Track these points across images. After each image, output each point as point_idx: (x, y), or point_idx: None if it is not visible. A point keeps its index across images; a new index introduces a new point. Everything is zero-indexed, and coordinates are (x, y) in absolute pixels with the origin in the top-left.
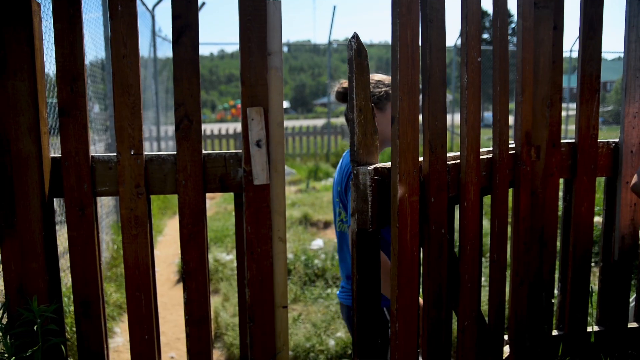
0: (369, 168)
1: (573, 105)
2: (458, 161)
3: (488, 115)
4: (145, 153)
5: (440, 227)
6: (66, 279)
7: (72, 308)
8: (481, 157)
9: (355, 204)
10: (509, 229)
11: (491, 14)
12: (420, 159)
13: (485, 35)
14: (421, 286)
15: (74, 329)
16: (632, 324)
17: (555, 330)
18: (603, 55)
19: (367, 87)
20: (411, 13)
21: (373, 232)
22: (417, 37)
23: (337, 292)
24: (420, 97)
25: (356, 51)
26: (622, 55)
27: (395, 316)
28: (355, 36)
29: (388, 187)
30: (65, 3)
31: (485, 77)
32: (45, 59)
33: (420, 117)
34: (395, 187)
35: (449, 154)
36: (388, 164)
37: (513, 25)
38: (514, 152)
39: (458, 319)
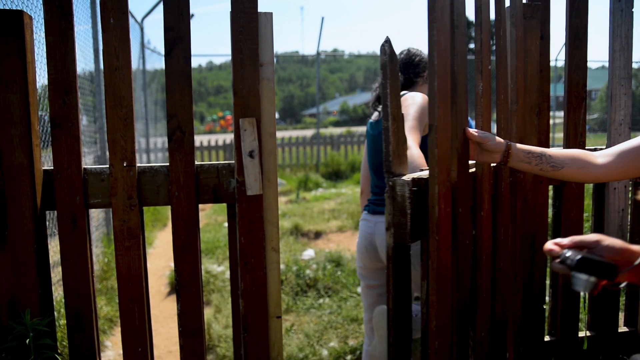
0: (406, 179)
1: (559, 114)
2: (473, 170)
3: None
4: (138, 165)
5: (465, 238)
6: (55, 292)
7: (62, 322)
8: None
9: (392, 217)
10: None
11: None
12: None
13: (471, 45)
14: None
15: (64, 343)
16: (623, 329)
17: (547, 336)
18: (588, 64)
19: (399, 95)
20: (444, 18)
21: (408, 246)
22: (449, 43)
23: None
24: None
25: (389, 56)
26: (605, 64)
27: (434, 333)
28: (388, 40)
29: (424, 198)
30: (57, 16)
31: (471, 86)
32: (36, 72)
33: None
34: (433, 198)
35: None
36: (423, 174)
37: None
38: None
39: (475, 330)
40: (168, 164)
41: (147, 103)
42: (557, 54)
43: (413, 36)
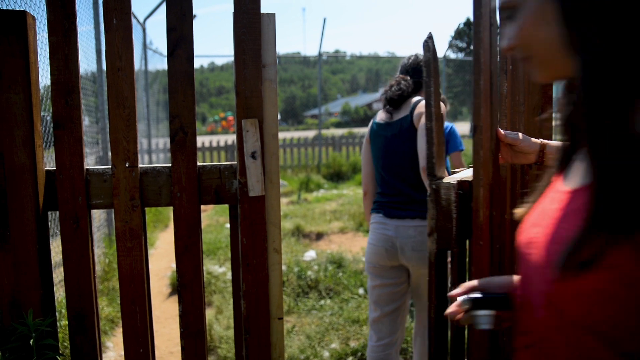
0: (452, 182)
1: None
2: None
3: None
4: (140, 165)
5: (497, 242)
6: (57, 293)
7: (63, 323)
8: None
9: (435, 222)
10: None
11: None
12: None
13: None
14: None
15: (65, 343)
16: None
17: None
18: None
19: (439, 93)
20: (486, 15)
21: (448, 251)
22: (489, 41)
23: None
24: None
25: (433, 53)
26: None
27: (478, 343)
28: (431, 37)
29: (467, 201)
30: (60, 16)
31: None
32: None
33: None
34: (478, 201)
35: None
36: (465, 177)
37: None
38: None
39: (497, 334)
40: (170, 164)
41: (149, 104)
42: None
43: (414, 37)
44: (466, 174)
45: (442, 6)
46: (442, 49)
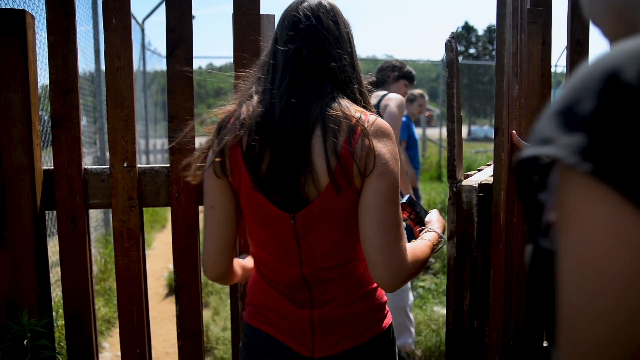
0: (473, 185)
1: None
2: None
3: (475, 129)
4: (138, 165)
5: (509, 245)
6: (53, 292)
7: (60, 322)
8: None
9: (456, 226)
10: None
11: (479, 29)
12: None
13: (472, 50)
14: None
15: (62, 343)
16: None
17: (545, 342)
18: None
19: (460, 94)
20: (509, 15)
21: (474, 257)
22: (510, 42)
23: None
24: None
25: (456, 53)
26: None
27: (495, 347)
28: (455, 37)
29: (488, 205)
30: (59, 15)
31: (471, 91)
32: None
33: None
34: (498, 205)
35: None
36: (484, 179)
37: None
38: None
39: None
40: (168, 165)
41: (147, 104)
42: (557, 59)
43: (412, 39)
44: (478, 177)
45: (440, 9)
46: (439, 52)
